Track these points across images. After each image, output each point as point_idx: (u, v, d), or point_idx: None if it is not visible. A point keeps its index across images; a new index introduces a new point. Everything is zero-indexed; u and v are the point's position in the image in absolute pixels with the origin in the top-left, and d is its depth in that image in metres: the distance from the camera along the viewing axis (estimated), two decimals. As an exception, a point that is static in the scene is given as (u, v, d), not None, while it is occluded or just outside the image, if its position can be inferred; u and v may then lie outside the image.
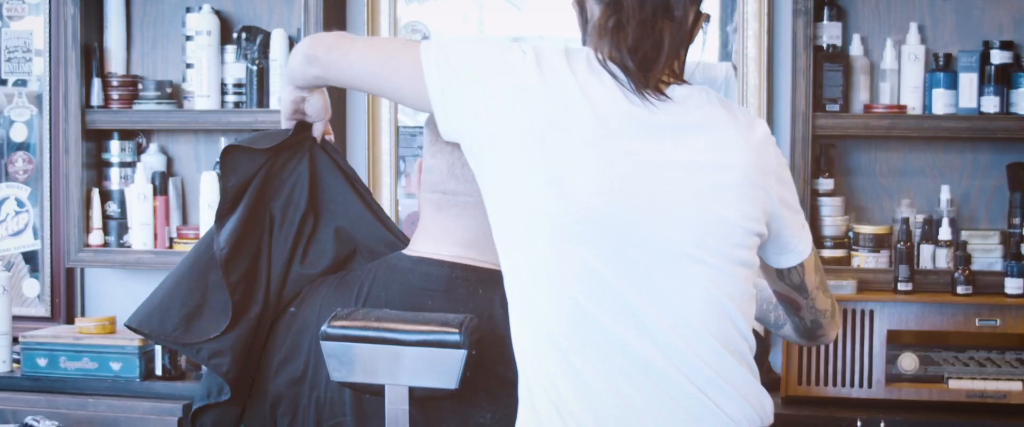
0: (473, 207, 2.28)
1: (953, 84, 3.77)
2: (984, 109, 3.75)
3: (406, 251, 2.34)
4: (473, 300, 2.23)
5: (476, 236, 2.30)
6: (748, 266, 2.12)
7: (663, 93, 2.11)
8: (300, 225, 2.45)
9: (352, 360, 2.16)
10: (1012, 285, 3.65)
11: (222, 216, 2.40)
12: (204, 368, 2.42)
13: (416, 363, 2.14)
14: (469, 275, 2.27)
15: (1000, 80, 3.74)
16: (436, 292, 2.25)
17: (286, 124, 2.50)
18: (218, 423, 2.41)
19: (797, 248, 2.26)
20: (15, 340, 4.11)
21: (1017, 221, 3.78)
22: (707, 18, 2.23)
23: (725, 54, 3.95)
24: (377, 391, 2.18)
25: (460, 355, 2.11)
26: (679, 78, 2.17)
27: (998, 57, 3.75)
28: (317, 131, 2.52)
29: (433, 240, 2.32)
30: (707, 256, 2.06)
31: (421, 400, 2.18)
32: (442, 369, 2.13)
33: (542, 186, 2.05)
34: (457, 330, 2.11)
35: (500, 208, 2.12)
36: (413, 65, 2.15)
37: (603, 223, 2.04)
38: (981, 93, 3.75)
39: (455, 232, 2.31)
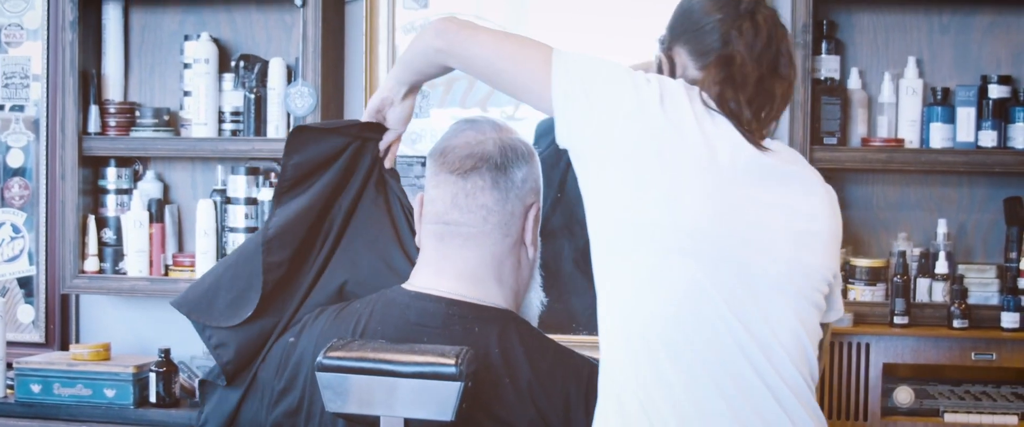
0: (475, 238, 2.29)
1: (951, 118, 3.78)
2: (982, 143, 3.75)
3: (406, 285, 2.34)
4: (469, 338, 2.23)
5: (477, 268, 2.30)
6: (820, 309, 2.26)
7: (763, 141, 2.27)
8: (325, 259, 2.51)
9: (348, 391, 2.16)
10: (1008, 319, 3.64)
11: (278, 195, 2.49)
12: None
13: (412, 394, 2.14)
14: (466, 313, 2.27)
15: (998, 114, 3.75)
16: (433, 329, 2.25)
17: (367, 118, 2.59)
18: (219, 403, 2.47)
19: (838, 307, 2.38)
20: (9, 366, 4.10)
21: (1014, 255, 3.78)
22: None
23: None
24: (373, 422, 2.17)
25: (456, 387, 2.11)
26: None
27: (996, 91, 3.76)
28: (387, 139, 2.59)
29: (433, 273, 2.32)
30: (793, 292, 2.20)
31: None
32: (438, 401, 2.12)
33: (656, 200, 2.15)
34: (453, 362, 2.11)
35: (608, 217, 2.19)
36: (542, 63, 2.25)
37: (708, 243, 2.14)
38: (979, 127, 3.76)
39: (458, 263, 2.32)
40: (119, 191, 4.26)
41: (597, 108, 2.20)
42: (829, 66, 3.84)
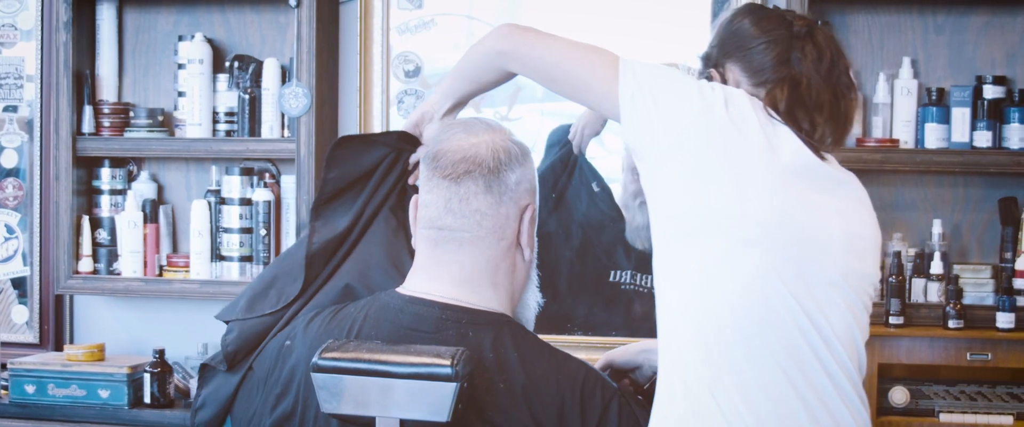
0: (470, 243, 2.28)
1: (946, 118, 3.78)
2: (976, 143, 3.75)
3: (400, 289, 2.33)
4: (463, 343, 2.22)
5: (471, 273, 2.30)
6: (867, 312, 2.36)
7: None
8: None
9: (343, 392, 2.15)
10: (1004, 319, 3.64)
11: (317, 206, 2.56)
12: None
13: (407, 395, 2.13)
14: (460, 317, 2.27)
15: (992, 115, 3.75)
16: (426, 334, 2.25)
17: (404, 127, 2.68)
18: (218, 388, 2.48)
19: None
20: (3, 366, 4.10)
21: (1009, 255, 3.78)
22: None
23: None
24: (368, 423, 2.16)
25: (452, 388, 2.10)
26: None
27: (991, 92, 3.76)
28: (418, 153, 2.63)
29: (428, 277, 2.31)
30: (847, 290, 2.30)
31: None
32: (433, 402, 2.12)
33: (724, 193, 2.24)
34: (449, 362, 2.10)
35: (676, 209, 2.28)
36: (609, 68, 2.35)
37: (772, 235, 2.24)
38: (973, 127, 3.76)
39: (452, 268, 2.30)
40: (113, 191, 4.26)
41: (664, 109, 2.28)
42: (824, 65, 3.83)
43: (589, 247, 4.05)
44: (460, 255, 2.30)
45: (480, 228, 2.29)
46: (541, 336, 2.38)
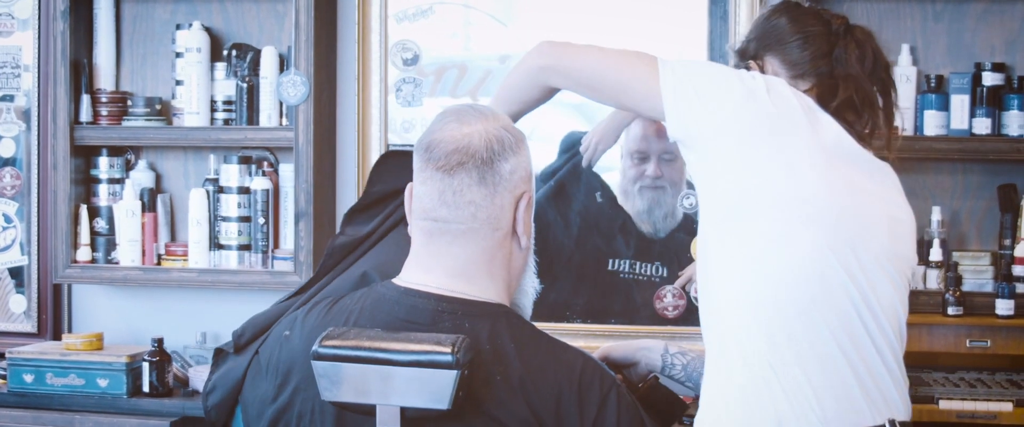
0: (465, 234, 2.26)
1: (945, 106, 3.77)
2: (976, 131, 3.75)
3: (396, 280, 2.31)
4: (459, 334, 2.21)
5: (466, 265, 2.28)
6: (907, 292, 2.49)
7: None
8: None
9: (343, 379, 2.14)
10: (1003, 306, 3.65)
11: (351, 213, 2.63)
12: None
13: (408, 383, 2.12)
14: (456, 309, 2.25)
15: (992, 102, 3.75)
16: (421, 326, 2.23)
17: None
18: (228, 371, 2.48)
19: None
20: (1, 356, 4.09)
21: (1008, 242, 3.78)
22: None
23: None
24: (368, 411, 2.16)
25: (452, 375, 2.09)
26: None
27: (990, 79, 3.76)
28: None
29: (423, 269, 2.29)
30: (893, 271, 2.42)
31: (413, 421, 2.16)
32: (434, 389, 2.11)
33: (775, 173, 2.36)
34: (450, 350, 2.09)
35: (727, 191, 2.39)
36: (649, 69, 2.47)
37: (823, 213, 2.35)
38: (973, 115, 3.76)
39: (446, 260, 2.28)
40: (111, 180, 4.25)
41: (706, 99, 2.40)
42: (823, 53, 3.83)
43: (588, 236, 4.05)
44: (455, 247, 2.28)
45: (475, 220, 2.27)
46: (540, 324, 2.38)
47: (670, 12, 4.02)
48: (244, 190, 4.09)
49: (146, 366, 3.96)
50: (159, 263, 4.21)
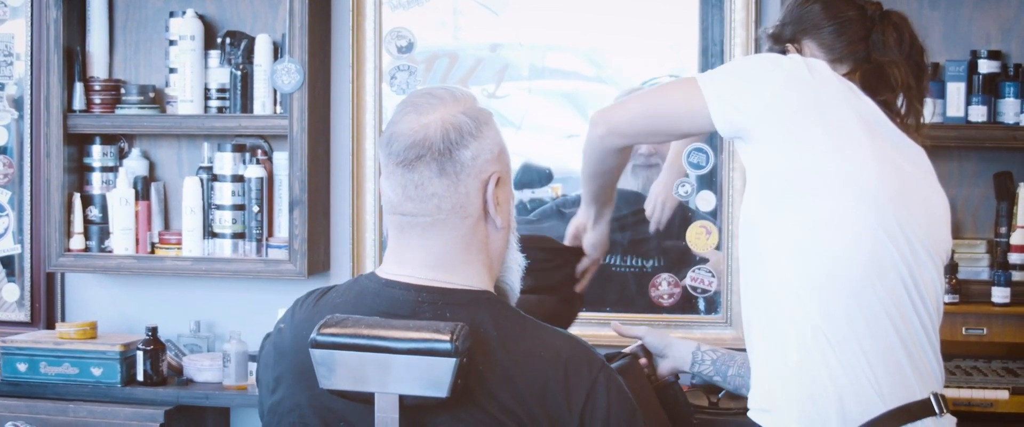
0: (433, 226, 2.23)
1: (941, 93, 3.77)
2: (971, 118, 3.75)
3: (378, 271, 2.30)
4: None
5: (441, 255, 2.25)
6: (942, 273, 2.55)
7: None
8: None
9: (341, 367, 2.13)
10: (999, 294, 3.65)
11: None
12: None
13: (406, 371, 2.11)
14: (436, 298, 2.22)
15: (987, 89, 3.74)
16: (402, 317, 2.21)
17: (568, 242, 3.07)
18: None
19: None
20: (-5, 345, 4.08)
21: (1004, 230, 3.78)
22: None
23: (717, 61, 3.93)
24: (367, 399, 2.15)
25: (451, 363, 2.08)
26: None
27: (986, 66, 3.75)
28: (584, 263, 3.07)
29: (400, 261, 2.27)
30: (932, 249, 2.49)
31: (412, 409, 2.15)
32: (433, 377, 2.09)
33: (827, 151, 2.42)
34: (448, 338, 2.08)
35: (780, 171, 2.45)
36: (688, 88, 2.54)
37: (873, 191, 2.41)
38: (968, 102, 3.75)
39: (420, 253, 2.25)
40: (104, 168, 4.24)
41: (748, 89, 2.47)
42: (818, 41, 3.82)
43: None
44: (426, 239, 2.25)
45: (440, 211, 2.23)
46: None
47: (660, 10, 4.03)
48: (238, 178, 4.08)
49: (140, 355, 3.96)
50: (153, 252, 4.19)
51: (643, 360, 2.93)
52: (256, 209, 4.07)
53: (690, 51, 4.00)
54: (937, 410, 2.46)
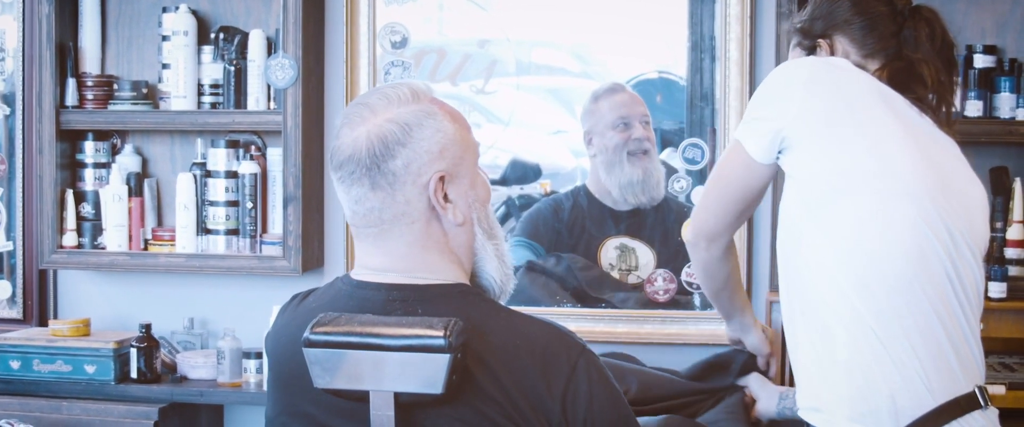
0: (381, 235, 2.22)
1: (936, 88, 3.75)
2: (967, 113, 3.74)
3: (352, 273, 2.30)
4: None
5: (400, 258, 2.22)
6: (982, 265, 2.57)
7: None
8: None
9: (336, 366, 2.13)
10: (995, 289, 3.63)
11: None
12: None
13: (400, 368, 2.10)
14: (407, 295, 2.21)
15: (983, 84, 3.73)
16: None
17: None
18: None
19: None
20: (-13, 342, 4.07)
21: (1000, 225, 3.76)
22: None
23: (708, 58, 3.92)
24: (362, 397, 2.14)
25: (445, 359, 2.07)
26: None
27: (981, 61, 3.74)
28: (761, 362, 3.17)
29: (365, 264, 2.26)
30: (973, 243, 2.50)
31: (407, 406, 2.14)
32: (427, 374, 2.09)
33: (864, 148, 2.44)
34: (442, 334, 2.07)
35: (820, 171, 2.47)
36: (734, 147, 2.61)
37: (914, 186, 2.43)
38: (964, 97, 3.74)
39: (381, 257, 2.24)
40: (97, 165, 4.22)
41: (779, 101, 2.51)
42: (814, 36, 3.81)
43: (578, 222, 4.04)
44: (382, 245, 2.24)
45: (383, 222, 2.22)
46: (532, 309, 2.36)
47: (649, 8, 4.02)
48: (232, 174, 4.06)
49: (134, 352, 3.94)
50: (146, 248, 4.18)
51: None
52: (250, 205, 4.06)
53: (679, 47, 3.98)
54: (982, 403, 2.48)
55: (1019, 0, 3.84)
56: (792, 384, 2.85)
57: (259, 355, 3.89)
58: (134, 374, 3.95)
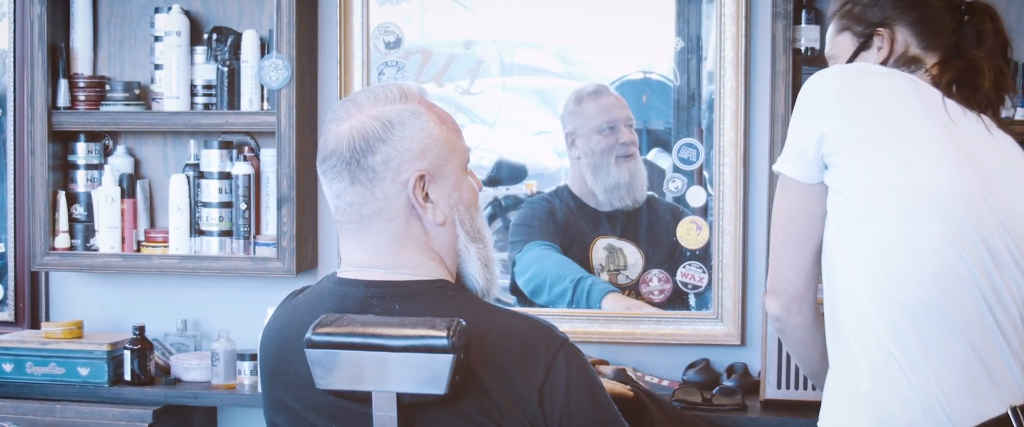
0: (360, 230, 2.24)
1: (932, 87, 3.75)
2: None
3: (338, 271, 2.31)
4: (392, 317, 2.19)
5: (379, 254, 2.25)
6: None
7: None
8: None
9: (338, 367, 2.12)
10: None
11: None
12: None
13: (403, 369, 2.10)
14: (385, 292, 2.22)
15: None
16: (353, 314, 2.21)
17: None
18: None
19: None
20: (-21, 346, 4.05)
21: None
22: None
23: (695, 58, 3.92)
24: (364, 398, 2.13)
25: (448, 359, 2.07)
26: None
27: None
28: None
29: (349, 261, 2.30)
30: (1020, 255, 2.41)
31: (408, 406, 2.13)
32: (430, 374, 2.09)
33: (894, 166, 2.37)
34: (445, 334, 2.07)
35: (853, 192, 2.41)
36: (780, 185, 2.56)
37: (947, 204, 2.35)
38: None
39: (359, 253, 2.27)
40: (89, 166, 4.20)
41: (806, 134, 2.46)
42: (809, 36, 3.81)
43: (573, 221, 4.04)
44: (362, 241, 2.26)
45: (362, 217, 2.23)
46: (528, 309, 2.35)
47: (637, 8, 4.01)
48: (225, 175, 4.05)
49: (127, 354, 3.93)
50: (139, 250, 4.16)
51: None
52: (243, 206, 4.04)
53: (665, 47, 3.97)
54: (1015, 425, 2.40)
55: (1017, 0, 3.84)
56: None
57: (253, 357, 3.88)
58: (128, 376, 3.94)
